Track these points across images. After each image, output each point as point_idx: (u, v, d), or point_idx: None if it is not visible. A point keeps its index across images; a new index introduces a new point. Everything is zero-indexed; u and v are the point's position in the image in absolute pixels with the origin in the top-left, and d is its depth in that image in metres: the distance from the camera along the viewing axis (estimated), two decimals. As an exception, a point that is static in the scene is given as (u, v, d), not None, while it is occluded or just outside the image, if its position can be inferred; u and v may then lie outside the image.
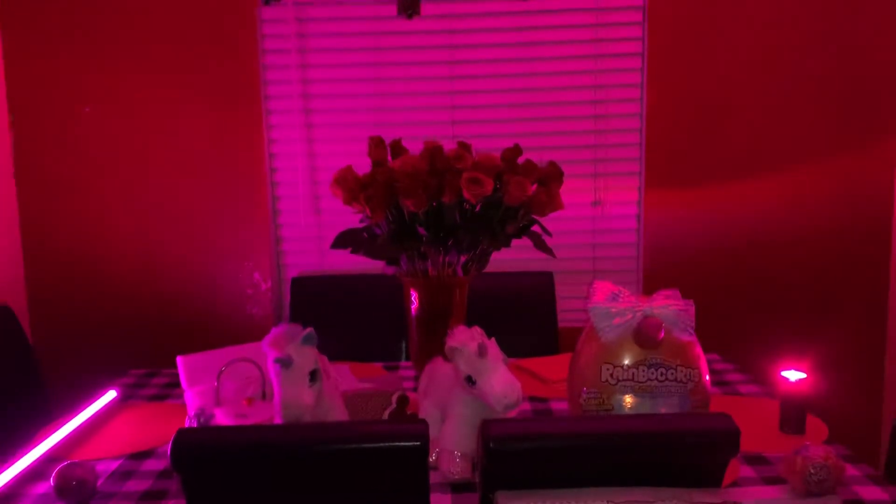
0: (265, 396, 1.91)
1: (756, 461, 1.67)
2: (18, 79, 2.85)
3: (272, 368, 1.55)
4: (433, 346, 1.84)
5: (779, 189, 2.89)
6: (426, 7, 2.79)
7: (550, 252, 2.15)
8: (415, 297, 2.16)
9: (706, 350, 1.75)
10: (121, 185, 2.91)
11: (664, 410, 1.66)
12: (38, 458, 1.73)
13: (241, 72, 2.86)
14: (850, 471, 1.58)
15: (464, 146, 2.11)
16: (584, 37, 2.89)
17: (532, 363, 2.32)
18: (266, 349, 1.56)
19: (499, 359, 1.58)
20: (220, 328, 2.93)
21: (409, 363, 2.38)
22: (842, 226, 2.89)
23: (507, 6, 2.86)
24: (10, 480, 1.62)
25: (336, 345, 2.00)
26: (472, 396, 1.60)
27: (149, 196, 2.91)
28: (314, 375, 1.54)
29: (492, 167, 2.06)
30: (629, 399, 1.67)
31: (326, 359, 1.66)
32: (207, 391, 1.88)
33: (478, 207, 2.09)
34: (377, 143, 2.16)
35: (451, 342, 1.60)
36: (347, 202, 2.10)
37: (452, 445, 1.60)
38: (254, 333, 2.34)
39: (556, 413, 1.98)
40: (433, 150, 2.09)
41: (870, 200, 2.88)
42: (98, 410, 2.01)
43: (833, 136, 2.87)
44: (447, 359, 1.63)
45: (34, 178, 2.90)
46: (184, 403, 1.98)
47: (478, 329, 1.63)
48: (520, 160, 2.14)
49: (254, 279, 2.95)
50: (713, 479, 1.35)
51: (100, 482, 1.60)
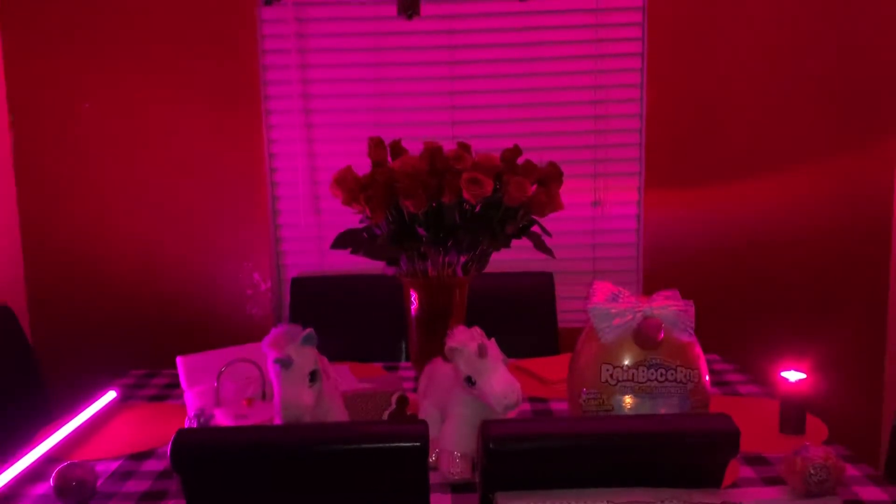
0: (265, 397, 1.91)
1: (756, 462, 1.67)
2: (18, 79, 2.85)
3: (272, 369, 1.55)
4: (433, 347, 1.83)
5: (779, 189, 2.89)
6: (426, 7, 2.76)
7: (550, 252, 2.15)
8: (415, 298, 2.16)
9: (706, 350, 1.75)
10: (121, 185, 2.91)
11: (664, 411, 1.66)
12: (38, 459, 1.73)
13: (241, 72, 2.86)
14: (850, 471, 1.58)
15: (463, 146, 2.11)
16: (584, 37, 2.89)
17: (532, 363, 2.32)
18: (266, 349, 1.56)
19: (499, 359, 1.58)
20: (220, 328, 2.93)
21: (409, 363, 2.37)
22: (842, 226, 2.89)
23: (507, 6, 2.85)
24: (10, 481, 1.62)
25: (336, 345, 2.00)
26: (472, 397, 1.60)
27: (149, 196, 2.91)
28: (314, 376, 1.54)
29: (491, 167, 2.06)
30: (629, 399, 1.67)
31: (326, 359, 1.66)
32: (207, 391, 1.88)
33: (477, 208, 2.09)
34: (377, 144, 2.16)
35: (451, 342, 1.61)
36: (347, 202, 2.09)
37: (452, 446, 1.61)
38: (254, 334, 2.34)
39: (556, 413, 1.98)
40: (433, 151, 2.09)
41: (870, 200, 2.88)
42: (98, 411, 2.01)
43: (833, 136, 2.86)
44: (447, 359, 1.63)
45: (34, 178, 2.90)
46: (183, 404, 1.98)
47: (478, 329, 1.63)
48: (519, 160, 2.14)
49: (254, 279, 2.95)
50: (713, 480, 1.35)
51: (99, 482, 1.60)
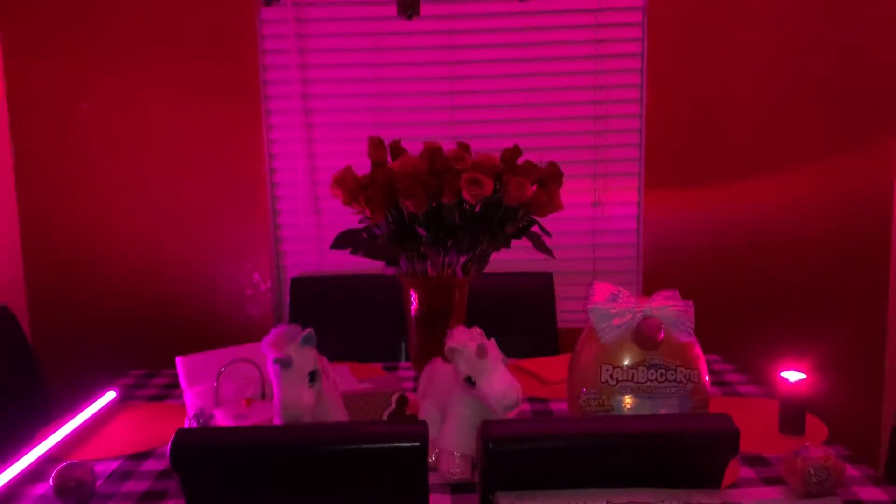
0: (265, 397, 1.91)
1: (756, 462, 1.66)
2: (18, 79, 2.85)
3: (272, 369, 1.55)
4: (433, 347, 1.84)
5: (779, 189, 2.89)
6: (426, 7, 2.76)
7: (550, 252, 2.15)
8: (414, 298, 2.16)
9: (706, 351, 1.75)
10: (121, 185, 2.91)
11: (664, 411, 1.66)
12: (38, 459, 1.72)
13: (241, 72, 2.86)
14: (850, 471, 1.58)
15: (463, 147, 2.11)
16: (584, 37, 2.89)
17: (532, 364, 2.32)
18: (265, 350, 1.56)
19: (498, 359, 1.58)
20: (220, 328, 2.93)
21: (409, 363, 2.37)
22: (842, 226, 2.89)
23: (507, 6, 2.85)
24: (10, 481, 1.62)
25: (336, 345, 2.01)
26: (472, 397, 1.59)
27: (149, 196, 2.91)
28: (314, 376, 1.54)
29: (491, 168, 2.06)
30: (629, 400, 1.67)
31: (326, 359, 1.66)
32: (207, 392, 1.88)
33: (477, 208, 2.09)
34: (377, 144, 2.16)
35: (451, 343, 1.60)
36: (347, 203, 2.10)
37: (452, 446, 1.60)
38: (253, 334, 2.34)
39: (556, 414, 1.98)
40: (433, 151, 2.09)
41: (870, 201, 2.87)
42: (97, 411, 2.01)
43: (833, 136, 2.86)
44: (447, 359, 1.63)
45: (34, 178, 2.90)
46: (183, 404, 1.98)
47: (477, 329, 1.63)
48: (519, 161, 2.14)
49: (253, 279, 2.95)
50: (713, 480, 1.35)
51: (99, 483, 1.60)
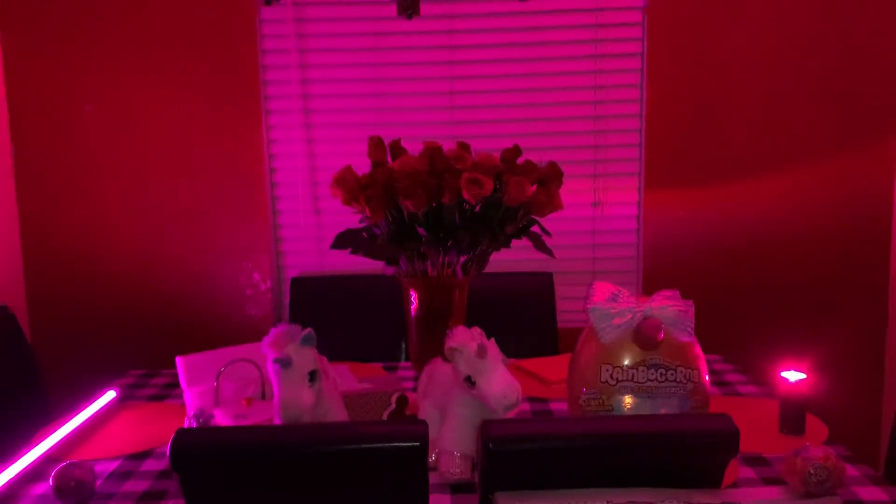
0: (264, 397, 1.91)
1: (756, 462, 1.66)
2: (18, 79, 2.85)
3: (271, 369, 1.55)
4: (433, 347, 1.83)
5: (779, 189, 2.89)
6: (426, 7, 2.77)
7: (550, 252, 2.15)
8: (414, 298, 2.16)
9: (706, 350, 1.75)
10: (121, 185, 2.91)
11: (664, 411, 1.66)
12: (37, 459, 1.72)
13: (241, 72, 2.86)
14: (850, 471, 1.58)
15: (463, 146, 2.11)
16: (584, 37, 2.89)
17: (532, 364, 2.32)
18: (265, 349, 1.56)
19: (498, 359, 1.58)
20: (220, 328, 2.93)
21: (409, 363, 2.37)
22: (842, 226, 2.89)
23: (507, 6, 2.85)
24: (10, 481, 1.61)
25: (336, 345, 2.01)
26: (472, 397, 1.59)
27: (149, 196, 2.91)
28: (313, 376, 1.54)
29: (491, 167, 2.06)
30: (629, 400, 1.67)
31: (326, 359, 1.66)
32: (207, 391, 1.88)
33: (477, 208, 2.09)
34: (377, 144, 2.16)
35: (451, 342, 1.60)
36: (347, 202, 2.09)
37: (452, 446, 1.60)
38: (253, 334, 2.33)
39: (556, 414, 1.98)
40: (433, 151, 2.09)
41: (870, 200, 2.87)
42: (97, 411, 2.01)
43: (833, 136, 2.86)
44: (446, 359, 1.63)
45: (34, 178, 2.90)
46: (183, 404, 1.98)
47: (477, 329, 1.63)
48: (519, 160, 2.14)
49: (253, 279, 2.95)
50: (713, 480, 1.35)
51: (99, 482, 1.60)
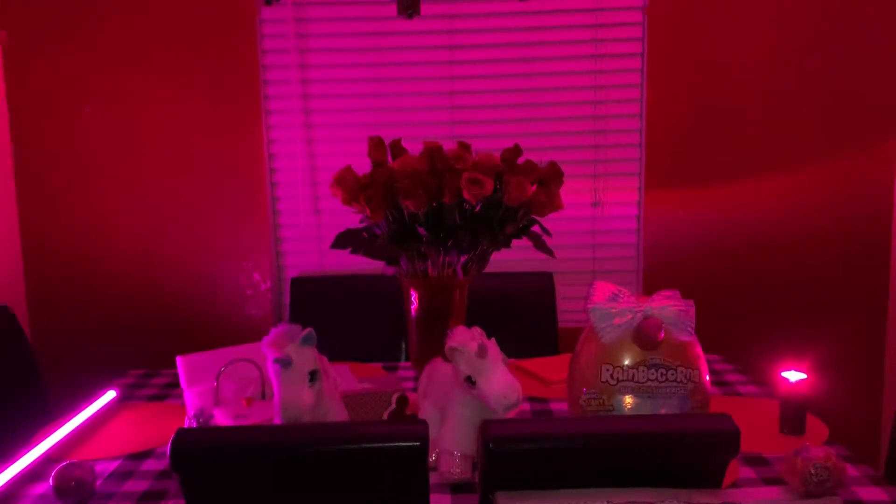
0: (265, 397, 1.91)
1: (756, 462, 1.66)
2: (18, 79, 2.85)
3: (272, 369, 1.55)
4: (433, 347, 1.83)
5: (779, 189, 2.89)
6: (426, 7, 2.78)
7: (550, 252, 2.15)
8: (414, 298, 2.16)
9: (706, 350, 1.75)
10: (121, 185, 2.91)
11: (664, 411, 1.66)
12: (38, 459, 1.72)
13: (241, 72, 2.86)
14: (851, 471, 1.58)
15: (463, 146, 2.11)
16: (584, 37, 2.89)
17: (532, 364, 2.32)
18: (265, 349, 1.56)
19: (498, 359, 1.58)
20: (220, 328, 2.93)
21: (409, 363, 2.37)
22: (842, 226, 2.89)
23: (507, 6, 2.85)
24: (10, 481, 1.61)
25: (336, 345, 2.01)
26: (472, 397, 1.59)
27: (149, 196, 2.91)
28: (314, 376, 1.54)
29: (491, 167, 2.06)
30: (629, 400, 1.67)
31: (326, 359, 1.66)
32: (207, 391, 1.88)
33: (478, 208, 2.09)
34: (377, 144, 2.16)
35: (451, 342, 1.60)
36: (347, 202, 2.09)
37: (452, 446, 1.60)
38: (253, 334, 2.33)
39: (556, 414, 1.98)
40: (433, 151, 2.09)
41: (870, 200, 2.87)
42: (97, 410, 2.01)
43: (833, 136, 2.86)
44: (447, 359, 1.63)
45: (34, 178, 2.90)
46: (183, 404, 1.98)
47: (477, 329, 1.63)
48: (520, 160, 2.14)
49: (253, 279, 2.95)
50: (713, 480, 1.35)
51: (99, 482, 1.60)
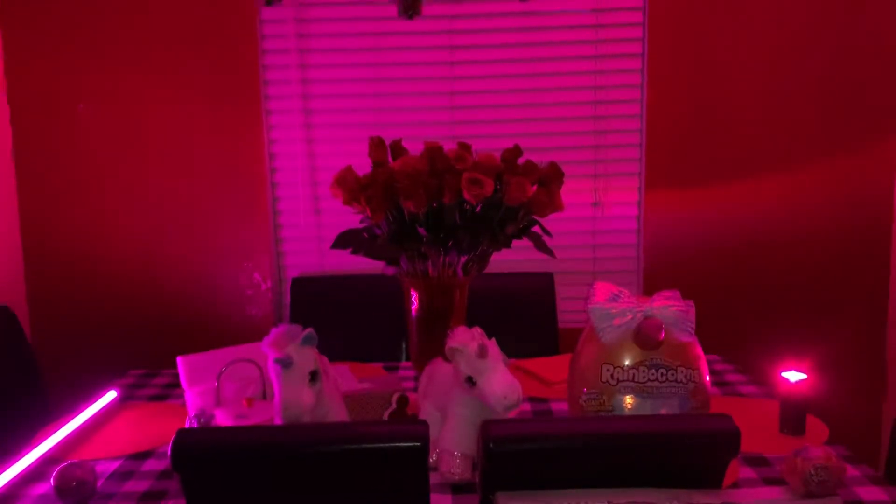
0: (265, 397, 1.91)
1: (756, 462, 1.66)
2: (18, 78, 2.85)
3: (272, 369, 1.55)
4: (433, 347, 1.83)
5: (779, 189, 2.89)
6: (426, 7, 2.79)
7: (550, 253, 2.15)
8: (415, 298, 2.16)
9: (706, 351, 1.75)
10: (121, 186, 2.91)
11: (664, 411, 1.66)
12: (38, 459, 1.72)
13: (241, 72, 2.86)
14: (851, 472, 1.58)
15: (464, 147, 2.11)
16: (585, 37, 2.89)
17: (532, 364, 2.32)
18: (266, 350, 1.56)
19: (499, 359, 1.58)
20: (220, 328, 2.93)
21: (409, 363, 2.37)
22: (842, 226, 2.89)
23: (507, 6, 2.85)
24: (10, 481, 1.62)
25: (336, 345, 2.00)
26: (472, 397, 1.59)
27: (149, 196, 2.91)
28: (314, 376, 1.54)
29: (492, 168, 2.06)
30: (629, 400, 1.67)
31: (326, 359, 1.66)
32: (208, 391, 1.88)
33: (478, 208, 2.09)
34: (377, 144, 2.16)
35: (452, 343, 1.60)
36: (347, 202, 2.09)
37: (452, 446, 1.60)
38: (254, 334, 2.33)
39: (557, 414, 1.98)
40: (433, 151, 2.09)
41: (870, 201, 2.87)
42: (98, 411, 2.01)
43: (833, 136, 2.86)
44: (447, 359, 1.63)
45: (34, 178, 2.90)
46: (184, 404, 1.98)
47: (478, 329, 1.63)
48: (520, 160, 2.14)
49: (254, 279, 2.95)
50: (713, 480, 1.35)
51: (100, 483, 1.60)
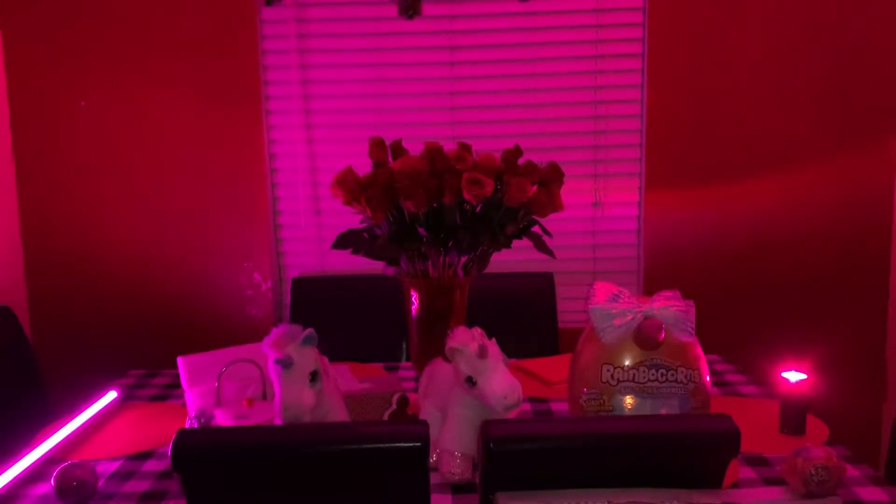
0: (265, 397, 1.91)
1: (756, 462, 1.67)
2: (18, 78, 2.85)
3: (273, 369, 1.55)
4: (433, 347, 1.83)
5: (779, 189, 2.89)
6: (426, 7, 2.79)
7: (551, 253, 2.15)
8: (415, 298, 2.16)
9: (706, 351, 1.75)
10: (121, 186, 2.91)
11: (664, 411, 1.66)
12: (39, 459, 1.72)
13: (241, 72, 2.86)
14: (851, 472, 1.58)
15: (464, 147, 2.11)
16: (585, 37, 2.89)
17: (532, 364, 2.32)
18: (266, 350, 1.57)
19: (499, 359, 1.58)
20: (220, 329, 2.93)
21: (410, 364, 2.37)
22: (842, 226, 2.89)
23: (507, 6, 2.85)
24: (11, 481, 1.62)
25: (336, 345, 2.01)
26: (473, 397, 1.59)
27: (149, 196, 2.91)
28: (314, 376, 1.54)
29: (492, 168, 2.06)
30: (629, 400, 1.67)
31: (327, 359, 1.66)
32: (208, 392, 1.88)
33: (478, 208, 2.09)
34: (377, 144, 2.16)
35: (452, 343, 1.60)
36: (348, 203, 2.09)
37: (453, 446, 1.60)
38: (254, 334, 2.33)
39: (557, 414, 1.98)
40: (433, 151, 2.09)
41: (870, 200, 2.87)
42: (98, 411, 2.01)
43: (833, 136, 2.86)
44: (447, 359, 1.63)
45: (34, 178, 2.90)
46: (184, 404, 1.98)
47: (478, 330, 1.63)
48: (520, 161, 2.14)
49: (254, 280, 2.95)
50: (713, 480, 1.35)
51: (100, 483, 1.60)
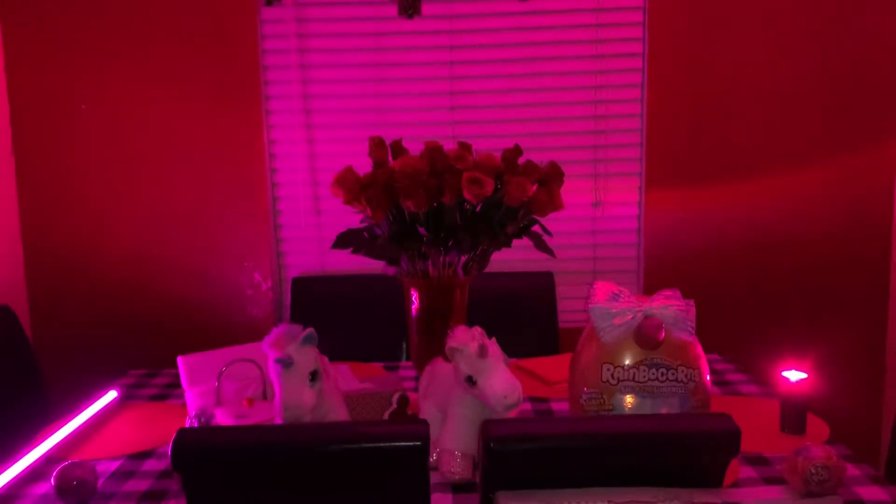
0: (266, 397, 1.91)
1: (757, 461, 1.67)
2: (18, 79, 2.85)
3: (273, 369, 1.55)
4: (433, 347, 1.84)
5: (779, 189, 2.89)
6: (426, 7, 2.79)
7: (551, 252, 2.15)
8: (415, 298, 2.16)
9: (706, 350, 1.75)
10: (121, 185, 2.91)
11: (665, 411, 1.66)
12: (39, 459, 1.73)
13: (241, 72, 2.86)
14: (851, 471, 1.58)
15: (464, 146, 2.11)
16: (585, 37, 2.89)
17: (533, 363, 2.32)
18: (266, 349, 1.57)
19: (499, 359, 1.58)
20: (221, 328, 2.93)
21: (410, 363, 2.37)
22: (842, 226, 2.89)
23: (507, 6, 2.85)
24: (11, 481, 1.62)
25: (336, 345, 2.01)
26: (473, 397, 1.59)
27: (149, 196, 2.91)
28: (315, 376, 1.54)
29: (492, 167, 2.06)
30: (630, 399, 1.67)
31: (327, 359, 1.66)
32: (208, 391, 1.88)
33: (478, 208, 2.09)
34: (378, 144, 2.16)
35: (452, 342, 1.60)
36: (348, 202, 2.10)
37: (453, 446, 1.60)
38: (254, 334, 2.34)
39: (557, 413, 1.98)
40: (433, 151, 2.09)
41: (870, 201, 2.87)
42: (98, 410, 2.01)
43: (833, 137, 2.86)
44: (447, 359, 1.63)
45: (34, 179, 2.90)
46: (184, 403, 1.98)
47: (478, 329, 1.63)
48: (520, 160, 2.14)
49: (254, 279, 2.95)
50: (714, 480, 1.35)
51: (100, 482, 1.60)
